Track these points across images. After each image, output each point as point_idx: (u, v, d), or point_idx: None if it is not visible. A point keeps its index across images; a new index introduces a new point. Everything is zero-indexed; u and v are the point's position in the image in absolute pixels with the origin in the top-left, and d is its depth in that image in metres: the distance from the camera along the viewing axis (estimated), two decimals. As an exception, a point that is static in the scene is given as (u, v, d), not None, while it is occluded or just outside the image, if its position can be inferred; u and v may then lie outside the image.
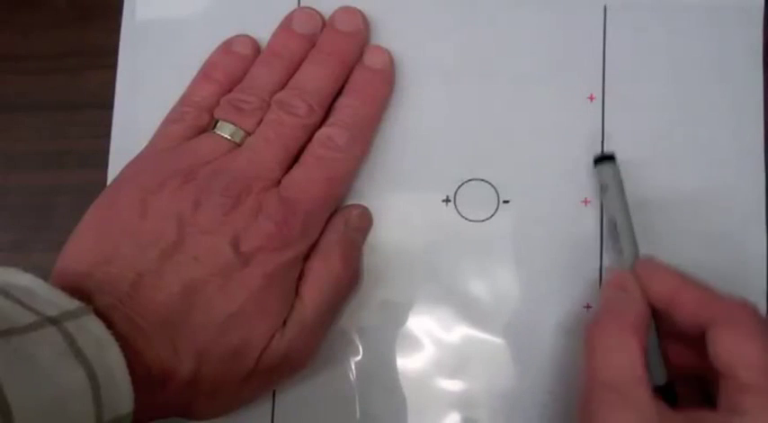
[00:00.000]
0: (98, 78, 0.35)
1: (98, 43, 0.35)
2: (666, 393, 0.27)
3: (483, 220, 0.32)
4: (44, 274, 0.25)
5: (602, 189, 0.31)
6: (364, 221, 0.32)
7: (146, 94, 0.34)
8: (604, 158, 0.31)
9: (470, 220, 0.32)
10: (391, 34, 0.33)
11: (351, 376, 0.32)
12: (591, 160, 0.32)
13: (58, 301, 0.24)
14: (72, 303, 0.24)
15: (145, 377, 0.25)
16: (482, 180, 0.33)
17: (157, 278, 0.27)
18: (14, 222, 0.35)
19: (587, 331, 0.27)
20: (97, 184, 0.33)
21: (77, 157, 0.35)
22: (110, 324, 0.24)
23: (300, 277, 0.29)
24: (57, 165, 0.35)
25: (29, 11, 0.36)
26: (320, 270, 0.30)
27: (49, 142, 0.35)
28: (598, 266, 0.32)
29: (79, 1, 0.36)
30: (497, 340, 0.32)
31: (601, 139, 0.32)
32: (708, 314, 0.25)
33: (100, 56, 0.35)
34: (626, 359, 0.25)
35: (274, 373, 0.29)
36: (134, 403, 0.24)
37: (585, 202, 0.32)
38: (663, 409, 0.24)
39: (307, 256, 0.30)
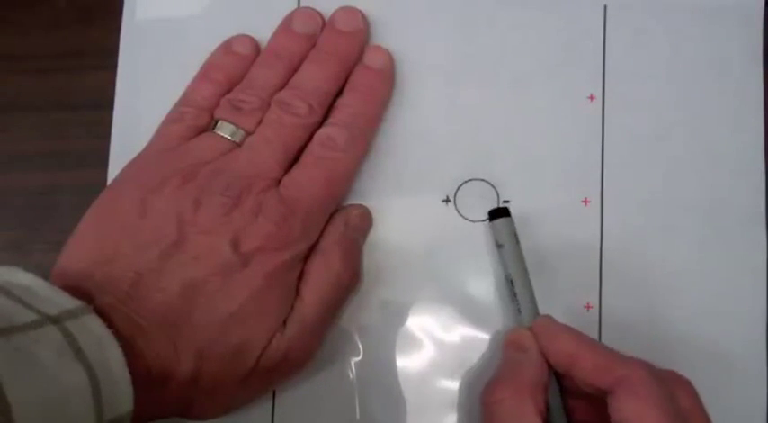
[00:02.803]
0: (98, 78, 0.34)
1: (98, 43, 0.35)
2: None
3: (483, 220, 0.32)
4: (44, 273, 0.25)
5: (498, 245, 0.30)
6: (364, 221, 0.32)
7: (146, 94, 0.34)
8: (499, 214, 0.30)
9: (470, 220, 0.32)
10: (391, 34, 0.33)
11: (351, 376, 0.32)
12: (591, 160, 0.32)
13: (58, 300, 0.24)
14: (72, 302, 0.24)
15: (145, 376, 0.25)
16: (482, 180, 0.33)
17: (158, 278, 0.27)
18: (14, 222, 0.35)
19: (484, 395, 0.26)
20: (97, 184, 0.33)
21: (77, 157, 0.35)
22: (110, 323, 0.24)
23: (300, 277, 0.29)
24: (57, 165, 0.35)
25: (29, 11, 0.36)
26: (320, 270, 0.30)
27: (49, 142, 0.35)
28: (598, 266, 0.32)
29: (79, 1, 0.36)
30: (497, 340, 0.31)
31: (600, 140, 0.32)
32: (607, 379, 0.25)
33: (100, 56, 0.35)
34: None
35: (274, 372, 0.29)
36: (134, 403, 0.24)
37: (585, 202, 0.32)
38: None
39: (307, 256, 0.30)
